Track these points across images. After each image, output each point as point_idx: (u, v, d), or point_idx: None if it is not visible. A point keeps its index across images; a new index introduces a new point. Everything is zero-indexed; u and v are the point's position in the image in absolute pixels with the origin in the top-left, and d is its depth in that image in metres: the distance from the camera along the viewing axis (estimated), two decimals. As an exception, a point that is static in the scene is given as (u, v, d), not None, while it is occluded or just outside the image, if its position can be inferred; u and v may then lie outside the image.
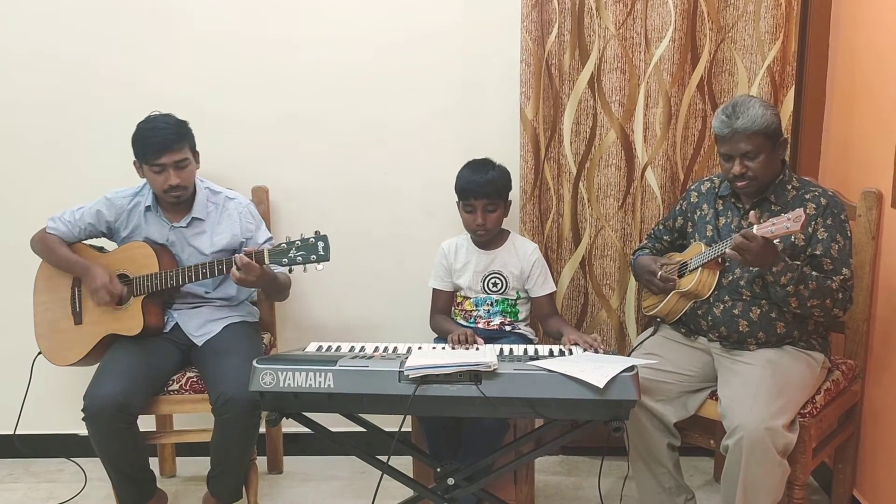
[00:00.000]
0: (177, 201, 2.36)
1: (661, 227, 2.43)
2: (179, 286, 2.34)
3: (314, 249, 2.14)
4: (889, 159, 2.16)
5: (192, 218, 2.39)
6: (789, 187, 2.13)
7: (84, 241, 2.46)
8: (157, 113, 2.34)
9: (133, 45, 2.65)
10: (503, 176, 2.41)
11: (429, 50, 2.65)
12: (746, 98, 2.09)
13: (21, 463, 2.85)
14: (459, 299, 2.49)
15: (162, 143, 2.26)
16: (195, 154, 2.37)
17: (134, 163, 2.34)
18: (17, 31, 2.65)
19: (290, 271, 2.19)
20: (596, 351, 2.08)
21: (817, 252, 2.04)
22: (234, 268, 2.18)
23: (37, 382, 2.53)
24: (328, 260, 2.15)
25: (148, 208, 2.40)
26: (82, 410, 2.14)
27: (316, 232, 2.17)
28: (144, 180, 2.41)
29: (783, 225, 1.85)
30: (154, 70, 2.66)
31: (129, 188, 2.44)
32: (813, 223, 2.06)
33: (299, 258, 2.15)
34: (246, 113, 2.69)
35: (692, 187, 2.34)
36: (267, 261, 2.18)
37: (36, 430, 2.80)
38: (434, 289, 2.52)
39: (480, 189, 2.35)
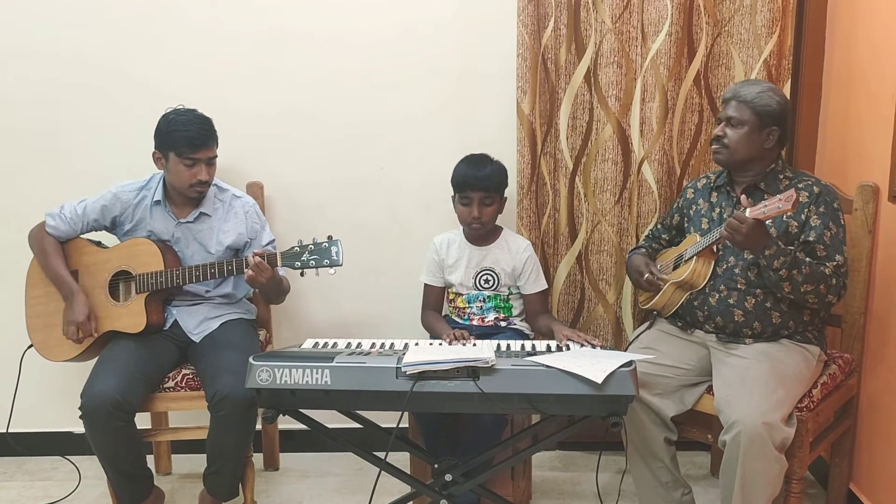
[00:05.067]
0: (198, 196, 2.35)
1: (659, 226, 2.44)
2: (184, 285, 2.33)
3: (327, 254, 2.14)
4: (886, 153, 2.16)
5: (200, 213, 2.38)
6: (781, 177, 2.14)
7: (83, 235, 2.44)
8: (183, 107, 2.33)
9: (130, 39, 2.63)
10: (500, 171, 2.40)
11: (425, 44, 2.64)
12: (764, 81, 2.19)
13: (15, 461, 2.84)
14: (452, 296, 2.49)
15: (199, 137, 2.27)
16: None
17: (154, 153, 2.33)
18: (15, 27, 2.63)
19: (303, 275, 2.18)
20: (592, 346, 2.08)
21: (810, 238, 2.06)
22: (246, 268, 2.18)
23: (31, 380, 2.51)
24: (341, 265, 2.15)
25: (156, 202, 2.38)
26: (79, 408, 2.12)
27: (329, 237, 2.16)
28: (151, 174, 2.40)
29: (775, 205, 1.87)
30: (150, 64, 2.65)
31: (134, 182, 2.42)
32: (806, 210, 2.07)
33: (312, 262, 2.15)
34: (241, 108, 2.67)
35: (689, 185, 2.35)
36: (279, 264, 2.18)
37: (30, 428, 2.80)
38: (425, 284, 2.51)
39: (478, 182, 2.34)
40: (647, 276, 2.24)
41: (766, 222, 1.95)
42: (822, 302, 2.05)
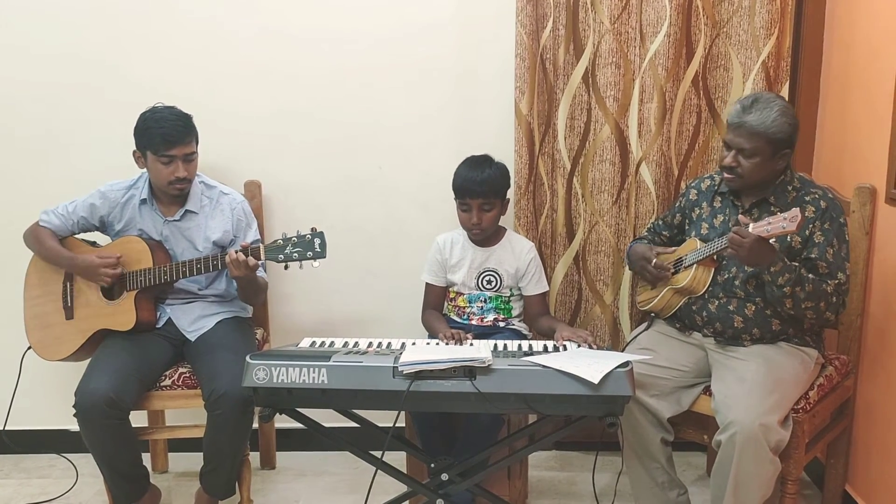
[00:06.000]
0: (179, 194, 2.35)
1: (660, 222, 2.43)
2: (173, 281, 2.33)
3: (311, 246, 2.14)
4: (883, 155, 2.16)
5: (186, 210, 2.38)
6: (790, 188, 2.11)
7: (76, 236, 2.44)
8: (162, 105, 2.32)
9: (127, 38, 2.63)
10: (500, 174, 2.37)
11: (423, 44, 2.63)
12: (772, 97, 2.03)
13: (11, 459, 2.84)
14: (452, 295, 2.49)
15: (174, 134, 2.25)
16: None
17: (134, 153, 2.33)
18: (11, 26, 2.63)
19: (286, 268, 2.18)
20: (590, 346, 2.08)
21: (813, 255, 2.04)
22: (228, 257, 2.18)
23: (27, 378, 2.51)
24: (325, 257, 2.14)
25: (143, 201, 2.38)
26: (73, 406, 2.12)
27: (312, 228, 2.16)
28: (140, 173, 2.40)
29: (779, 225, 1.85)
30: (148, 63, 2.64)
31: (122, 181, 2.42)
32: (810, 226, 2.05)
33: (295, 255, 2.14)
34: (240, 107, 2.67)
35: (692, 184, 2.33)
36: (263, 256, 2.17)
37: (26, 425, 2.80)
38: (427, 283, 2.51)
39: (476, 188, 2.32)
40: (654, 261, 2.23)
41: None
42: (820, 318, 2.05)
